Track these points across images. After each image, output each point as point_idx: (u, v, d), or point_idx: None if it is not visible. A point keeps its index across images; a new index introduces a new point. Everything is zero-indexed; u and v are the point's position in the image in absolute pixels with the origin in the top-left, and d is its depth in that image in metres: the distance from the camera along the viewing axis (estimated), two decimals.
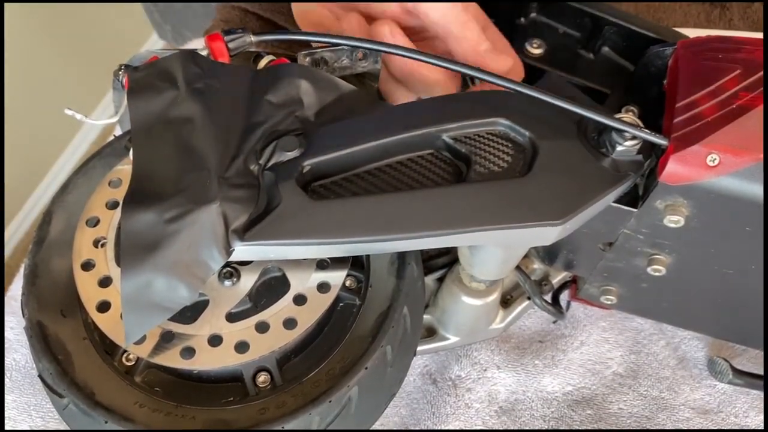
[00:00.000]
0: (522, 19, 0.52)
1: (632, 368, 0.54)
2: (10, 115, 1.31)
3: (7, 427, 0.51)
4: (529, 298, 0.53)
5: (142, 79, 0.40)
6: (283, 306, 0.39)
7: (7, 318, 0.57)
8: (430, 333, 0.52)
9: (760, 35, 0.63)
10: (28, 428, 0.51)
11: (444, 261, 0.51)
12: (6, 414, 0.52)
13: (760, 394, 0.52)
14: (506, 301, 0.54)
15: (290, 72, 0.41)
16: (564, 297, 0.55)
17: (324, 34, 0.44)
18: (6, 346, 0.55)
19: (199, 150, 0.38)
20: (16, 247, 1.55)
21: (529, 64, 0.50)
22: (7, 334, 0.56)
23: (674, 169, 0.37)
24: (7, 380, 0.53)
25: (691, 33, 0.47)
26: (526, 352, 0.55)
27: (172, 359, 0.37)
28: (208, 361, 0.37)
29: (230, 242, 0.36)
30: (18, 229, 1.56)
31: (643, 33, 0.47)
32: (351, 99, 0.41)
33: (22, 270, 0.45)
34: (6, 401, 0.52)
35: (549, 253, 0.49)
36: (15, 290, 0.59)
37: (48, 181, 1.61)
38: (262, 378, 0.39)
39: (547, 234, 0.38)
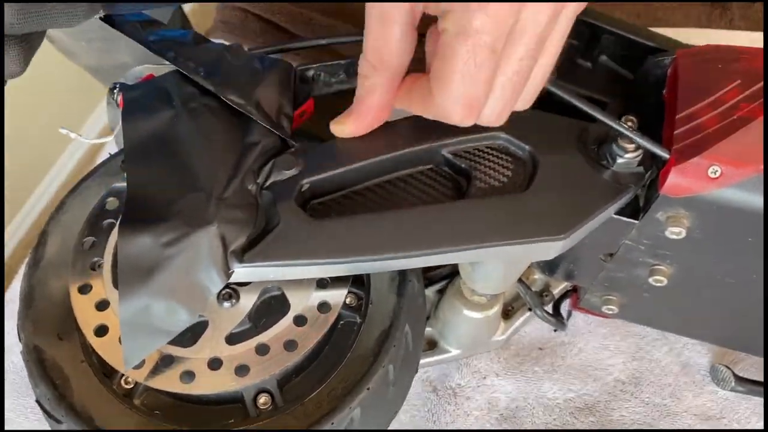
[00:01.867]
0: None
1: (635, 375, 0.54)
2: (10, 115, 1.29)
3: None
4: (530, 309, 0.53)
5: (137, 99, 0.40)
6: (284, 327, 0.39)
7: (6, 320, 0.56)
8: (432, 346, 0.52)
9: (760, 35, 0.63)
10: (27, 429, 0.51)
11: (445, 272, 0.51)
12: (4, 415, 0.51)
13: (762, 400, 0.52)
14: (507, 313, 0.53)
15: None
16: (565, 306, 0.54)
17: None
18: (5, 348, 0.55)
19: (195, 171, 0.37)
20: (16, 247, 1.54)
21: None
22: (6, 335, 0.55)
23: (676, 181, 0.37)
24: (5, 382, 0.53)
25: (692, 33, 0.47)
26: (526, 359, 0.54)
27: (171, 383, 0.37)
28: (208, 385, 0.37)
29: (229, 264, 0.35)
30: (18, 229, 1.55)
31: (641, 42, 0.46)
32: None
33: (22, 270, 0.44)
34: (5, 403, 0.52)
35: (550, 264, 0.49)
36: (15, 291, 0.58)
37: (48, 181, 1.60)
38: (263, 399, 0.38)
39: (550, 249, 0.37)
